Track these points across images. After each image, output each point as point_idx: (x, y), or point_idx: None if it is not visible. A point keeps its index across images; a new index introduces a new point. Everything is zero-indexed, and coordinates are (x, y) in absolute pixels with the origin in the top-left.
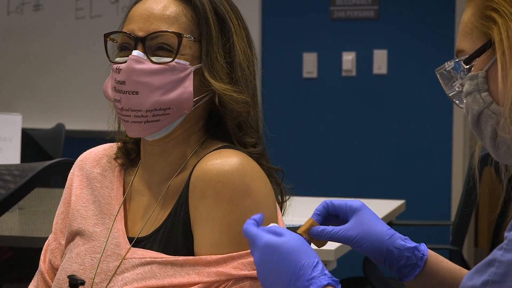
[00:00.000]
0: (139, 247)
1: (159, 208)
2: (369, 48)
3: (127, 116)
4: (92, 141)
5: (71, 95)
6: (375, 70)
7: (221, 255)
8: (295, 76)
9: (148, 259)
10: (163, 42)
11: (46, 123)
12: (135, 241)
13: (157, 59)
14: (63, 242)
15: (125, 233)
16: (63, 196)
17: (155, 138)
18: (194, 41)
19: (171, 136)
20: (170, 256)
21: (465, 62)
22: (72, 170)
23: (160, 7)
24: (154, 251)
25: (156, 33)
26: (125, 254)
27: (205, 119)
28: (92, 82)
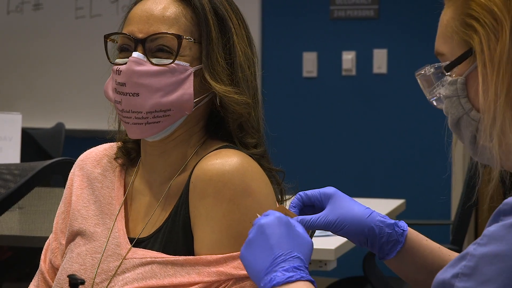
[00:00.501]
0: (140, 248)
1: (160, 209)
2: (369, 48)
3: (128, 118)
4: (92, 141)
5: (71, 95)
6: (375, 70)
7: (222, 255)
8: (295, 76)
9: (148, 259)
10: (163, 44)
11: (46, 123)
12: (136, 241)
13: (157, 60)
14: (64, 242)
15: (125, 233)
16: (63, 196)
17: (155, 139)
18: (194, 42)
19: (171, 136)
20: (171, 256)
21: (446, 69)
22: (72, 170)
23: (160, 8)
24: (154, 251)
25: (156, 34)
26: (126, 254)
27: (205, 119)
28: (92, 81)
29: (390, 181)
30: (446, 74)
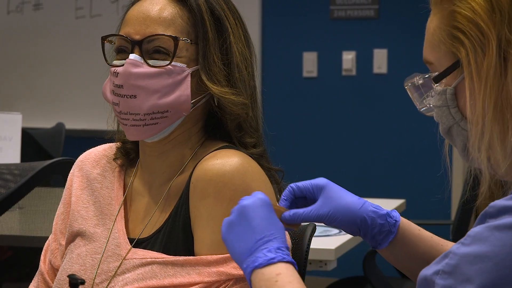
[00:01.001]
0: (140, 248)
1: (160, 210)
2: (369, 48)
3: (126, 120)
4: (92, 141)
5: (71, 95)
6: (375, 70)
7: (222, 255)
8: (295, 76)
9: (149, 260)
10: (160, 46)
11: (46, 123)
12: (136, 242)
13: (154, 62)
14: (63, 243)
15: (125, 233)
16: (63, 196)
17: (154, 140)
18: (191, 43)
19: (170, 137)
20: (171, 256)
21: (435, 80)
22: (71, 171)
23: (156, 9)
24: (154, 252)
25: (153, 36)
26: (126, 255)
27: (204, 120)
28: (92, 81)
29: (390, 181)
30: (435, 85)
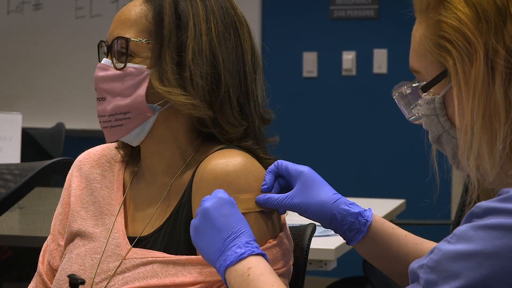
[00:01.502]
0: (140, 247)
1: (160, 208)
2: (369, 48)
3: (101, 122)
4: (92, 140)
5: (71, 95)
6: (375, 70)
7: None
8: (295, 76)
9: (149, 259)
10: (121, 48)
11: (46, 123)
12: (137, 240)
13: (119, 65)
14: (62, 243)
15: (125, 233)
16: (61, 197)
17: (134, 142)
18: (154, 43)
19: (153, 137)
20: (172, 256)
21: (423, 89)
22: (70, 171)
23: (127, 10)
24: (155, 251)
25: (115, 39)
26: (126, 254)
27: (192, 118)
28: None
29: (390, 181)
30: (423, 94)
